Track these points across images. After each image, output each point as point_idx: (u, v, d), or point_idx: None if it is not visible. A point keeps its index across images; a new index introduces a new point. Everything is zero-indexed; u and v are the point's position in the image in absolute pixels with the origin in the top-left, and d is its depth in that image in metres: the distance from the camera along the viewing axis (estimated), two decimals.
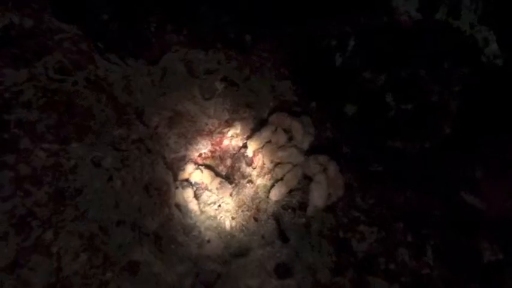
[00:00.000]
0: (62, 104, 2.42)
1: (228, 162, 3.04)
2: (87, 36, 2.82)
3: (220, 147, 3.08)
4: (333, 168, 2.73)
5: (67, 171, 2.29)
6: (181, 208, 2.75)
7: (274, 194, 2.72)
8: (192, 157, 3.02)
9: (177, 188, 2.78)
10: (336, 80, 3.96)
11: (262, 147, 2.88)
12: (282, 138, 2.82)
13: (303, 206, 2.76)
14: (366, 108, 4.00)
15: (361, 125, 3.93)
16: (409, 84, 4.02)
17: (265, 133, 2.83)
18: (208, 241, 2.68)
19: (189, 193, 2.79)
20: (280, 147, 2.83)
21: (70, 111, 2.42)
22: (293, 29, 3.80)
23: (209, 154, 3.08)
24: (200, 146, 3.05)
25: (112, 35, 3.13)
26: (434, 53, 4.01)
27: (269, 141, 2.89)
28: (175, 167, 2.89)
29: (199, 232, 2.72)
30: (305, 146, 2.87)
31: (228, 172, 3.01)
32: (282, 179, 2.76)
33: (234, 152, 3.06)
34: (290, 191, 2.77)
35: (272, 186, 2.77)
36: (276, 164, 2.82)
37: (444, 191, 3.53)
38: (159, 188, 2.54)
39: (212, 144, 3.07)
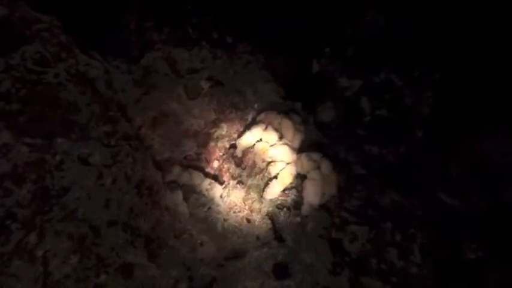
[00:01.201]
0: (45, 97, 2.22)
1: (215, 164, 2.93)
2: (66, 29, 2.64)
3: (206, 149, 2.96)
4: (326, 165, 2.70)
5: (52, 168, 2.09)
6: (170, 211, 2.58)
7: (269, 193, 2.63)
8: (177, 159, 2.88)
9: (165, 190, 2.62)
10: (314, 85, 4.00)
11: (252, 147, 2.80)
12: (273, 136, 2.76)
13: (297, 204, 2.69)
14: (343, 114, 4.05)
15: (340, 130, 3.97)
16: (382, 89, 4.13)
17: (256, 132, 2.76)
18: (201, 244, 2.53)
19: (177, 195, 2.63)
20: (272, 146, 2.76)
21: (54, 104, 2.23)
22: (272, 33, 3.81)
23: (195, 156, 2.94)
24: (185, 147, 2.92)
25: (90, 32, 2.97)
26: (405, 59, 4.17)
27: (259, 140, 2.81)
28: (161, 168, 2.73)
29: (191, 235, 2.56)
30: (296, 143, 2.82)
31: (216, 174, 2.89)
32: (275, 177, 2.68)
33: (221, 153, 2.95)
34: (284, 190, 2.69)
35: (266, 185, 2.68)
36: (269, 163, 2.75)
37: (424, 192, 3.61)
38: (151, 187, 2.37)
39: (198, 146, 2.95)
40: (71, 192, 2.09)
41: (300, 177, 2.77)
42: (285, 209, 2.66)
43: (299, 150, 2.84)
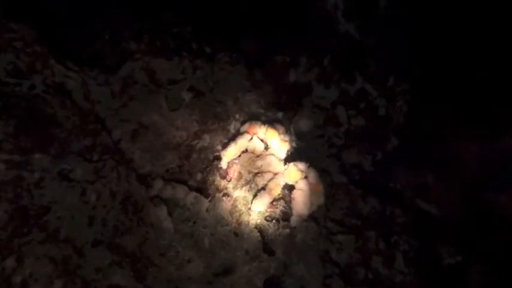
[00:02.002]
0: (21, 110, 2.08)
1: (199, 176, 2.84)
2: (41, 39, 2.51)
3: (188, 162, 2.87)
4: (313, 175, 2.67)
5: (31, 185, 1.95)
6: (154, 227, 2.47)
7: (258, 205, 2.57)
8: (159, 172, 2.77)
9: (149, 205, 2.50)
10: (291, 94, 4.00)
11: (238, 158, 2.73)
12: (259, 146, 2.71)
13: (286, 215, 2.64)
14: (321, 123, 4.07)
15: (318, 139, 3.97)
16: (358, 99, 4.19)
17: (241, 142, 2.71)
18: (188, 261, 2.43)
19: (162, 211, 2.53)
20: (258, 156, 2.71)
21: (31, 118, 2.09)
22: (250, 43, 3.79)
23: (177, 169, 2.85)
24: (167, 160, 2.82)
25: (64, 41, 2.84)
26: (379, 69, 4.25)
27: (245, 151, 2.75)
28: (143, 182, 2.62)
29: (177, 252, 2.46)
30: (282, 154, 2.78)
31: (200, 187, 2.80)
32: (263, 188, 2.62)
33: (204, 165, 2.87)
34: (272, 201, 2.63)
35: (254, 197, 2.62)
36: (255, 174, 2.69)
37: (403, 199, 3.65)
38: (136, 202, 2.26)
39: (180, 158, 2.86)
40: (52, 211, 1.96)
41: (288, 188, 2.72)
42: (274, 220, 2.60)
43: (285, 161, 2.79)
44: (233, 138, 2.84)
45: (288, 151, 2.84)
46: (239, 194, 2.68)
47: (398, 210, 3.51)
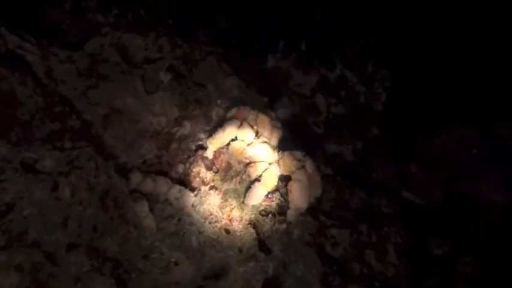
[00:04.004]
0: None
1: (180, 168, 2.52)
2: None
3: (168, 151, 2.54)
4: (310, 164, 2.43)
5: None
6: (135, 225, 2.13)
7: (253, 198, 2.29)
8: (135, 164, 2.42)
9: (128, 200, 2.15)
10: (270, 80, 3.76)
11: (226, 146, 2.44)
12: (250, 134, 2.43)
13: (282, 209, 2.38)
14: (300, 110, 3.86)
15: (298, 127, 3.76)
16: (337, 86, 4.02)
17: (230, 130, 2.41)
18: (176, 263, 2.11)
19: (142, 207, 2.19)
20: (249, 145, 2.43)
21: None
22: (226, 23, 3.50)
23: (155, 160, 2.51)
24: (144, 150, 2.48)
25: (15, 9, 2.41)
26: (357, 55, 4.11)
27: (234, 139, 2.46)
28: (123, 174, 2.26)
29: (161, 253, 2.14)
30: (274, 141, 2.51)
31: (182, 179, 2.49)
32: (257, 180, 2.35)
33: (186, 155, 2.55)
34: (267, 194, 2.37)
35: (247, 189, 2.34)
36: (247, 164, 2.41)
37: (387, 189, 3.53)
38: (116, 198, 1.91)
39: (158, 148, 2.52)
40: (17, 209, 1.58)
41: (283, 179, 2.46)
42: (270, 215, 2.33)
43: (279, 149, 2.53)
44: (220, 124, 2.54)
45: (280, 139, 2.57)
46: (229, 186, 2.40)
47: (385, 201, 3.39)
